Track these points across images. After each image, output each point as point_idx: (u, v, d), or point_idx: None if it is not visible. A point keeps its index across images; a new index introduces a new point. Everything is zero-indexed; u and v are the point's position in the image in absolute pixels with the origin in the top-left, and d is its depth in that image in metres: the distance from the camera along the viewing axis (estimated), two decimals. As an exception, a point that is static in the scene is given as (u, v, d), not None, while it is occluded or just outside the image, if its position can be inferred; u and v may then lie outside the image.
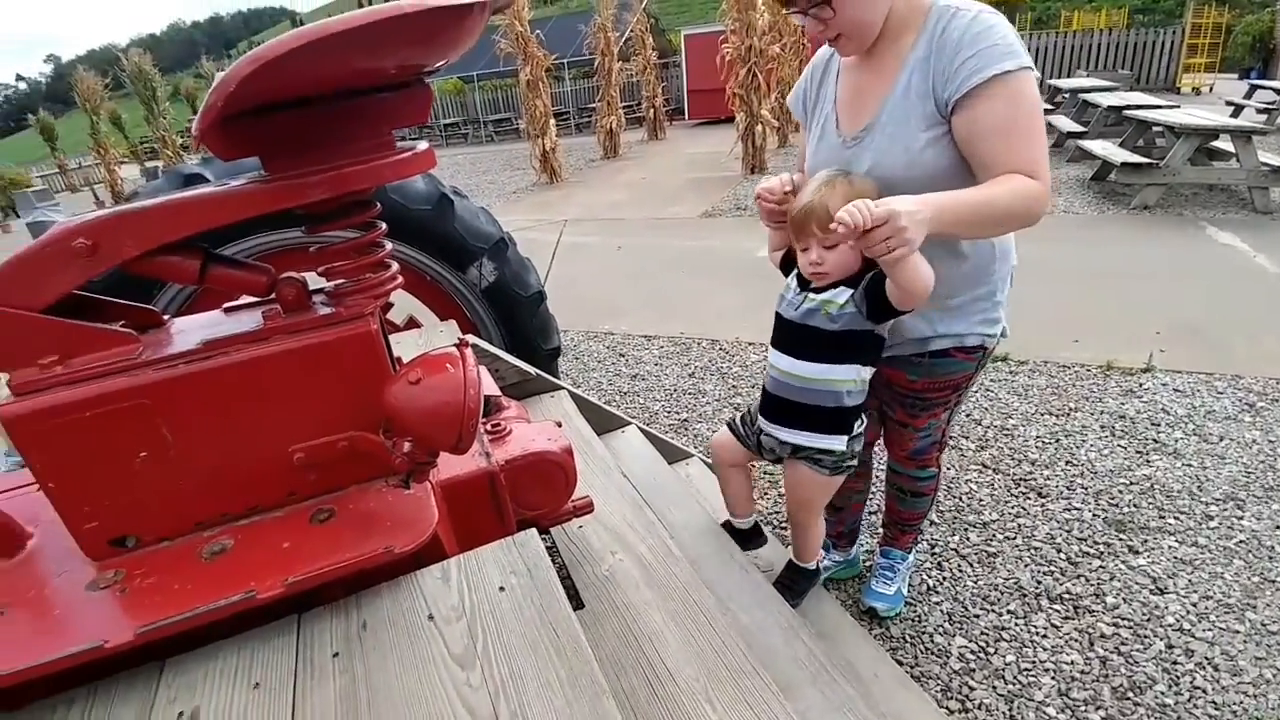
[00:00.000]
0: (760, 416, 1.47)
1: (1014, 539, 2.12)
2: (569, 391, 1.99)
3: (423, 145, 0.90)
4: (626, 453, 1.93)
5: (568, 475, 1.20)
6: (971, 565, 2.04)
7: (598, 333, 4.29)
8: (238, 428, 0.89)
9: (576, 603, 1.24)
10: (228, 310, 0.98)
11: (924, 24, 1.17)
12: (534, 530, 0.98)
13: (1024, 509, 2.25)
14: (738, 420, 1.59)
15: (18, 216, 13.68)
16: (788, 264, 1.44)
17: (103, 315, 0.90)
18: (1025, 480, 2.39)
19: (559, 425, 1.26)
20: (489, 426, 1.19)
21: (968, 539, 2.14)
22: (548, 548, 1.08)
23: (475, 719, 0.74)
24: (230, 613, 0.82)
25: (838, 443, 1.38)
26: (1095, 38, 13.59)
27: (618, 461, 1.75)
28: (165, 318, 0.97)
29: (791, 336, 1.35)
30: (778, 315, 1.39)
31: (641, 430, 2.05)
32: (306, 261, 1.01)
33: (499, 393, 1.40)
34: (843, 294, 1.25)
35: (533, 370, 1.95)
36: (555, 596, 0.88)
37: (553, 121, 10.40)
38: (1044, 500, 2.28)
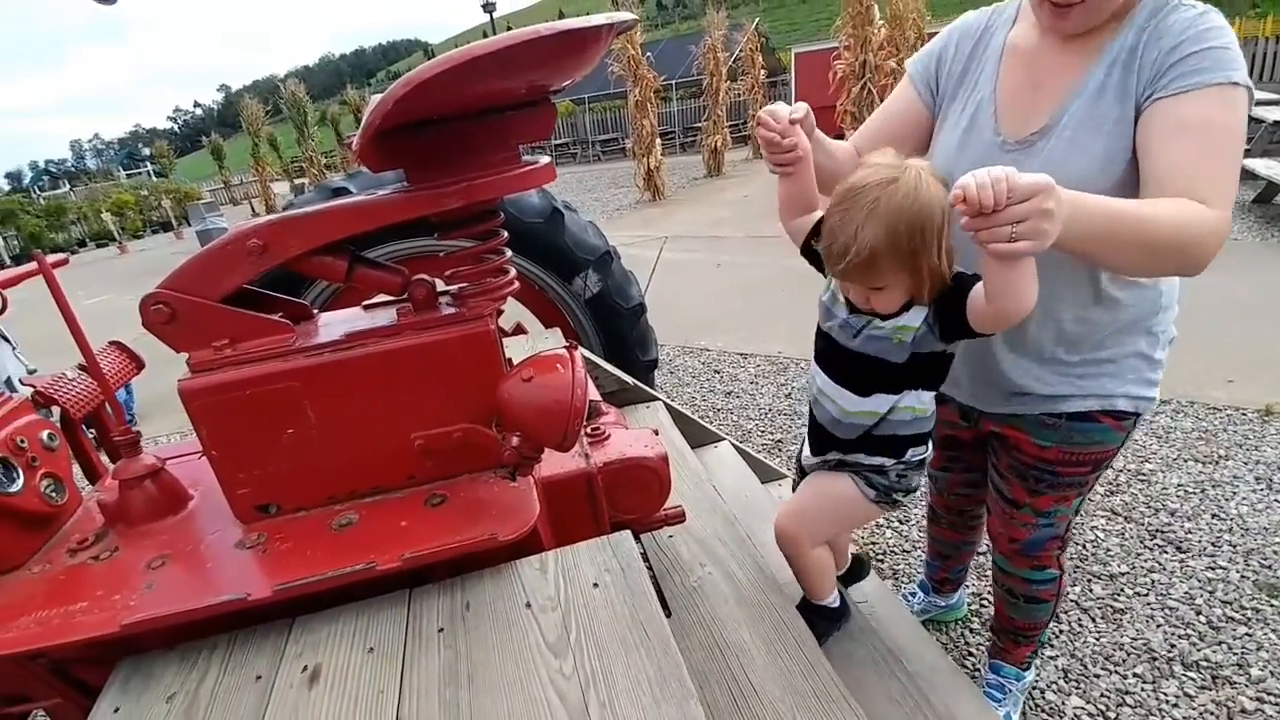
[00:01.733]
0: (811, 454, 1.23)
1: (1145, 596, 1.92)
2: (664, 403, 2.02)
3: (544, 160, 0.97)
4: (719, 468, 1.93)
5: (662, 482, 1.22)
6: (1094, 620, 1.86)
7: (693, 348, 4.32)
8: (370, 413, 0.98)
9: (664, 610, 1.25)
10: (366, 307, 1.09)
11: (1135, 12, 0.97)
12: (629, 531, 1.00)
13: (1159, 563, 2.04)
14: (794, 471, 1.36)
15: (189, 225, 15.61)
16: (814, 248, 1.12)
17: (265, 307, 1.02)
18: (1162, 532, 2.17)
19: (656, 433, 1.28)
20: (589, 430, 1.23)
21: (1091, 591, 1.96)
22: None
23: (566, 705, 0.77)
24: (353, 580, 0.90)
25: (886, 462, 1.14)
26: (1261, 46, 12.19)
27: (710, 476, 1.75)
28: (315, 312, 1.08)
29: (849, 367, 1.10)
30: (825, 334, 1.14)
31: (735, 447, 2.05)
32: (434, 267, 1.10)
33: (600, 398, 1.45)
34: (916, 316, 1.02)
35: (630, 380, 1.99)
36: (647, 598, 0.90)
37: (658, 140, 10.60)
38: (1183, 555, 2.05)
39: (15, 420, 1.09)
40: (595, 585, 0.92)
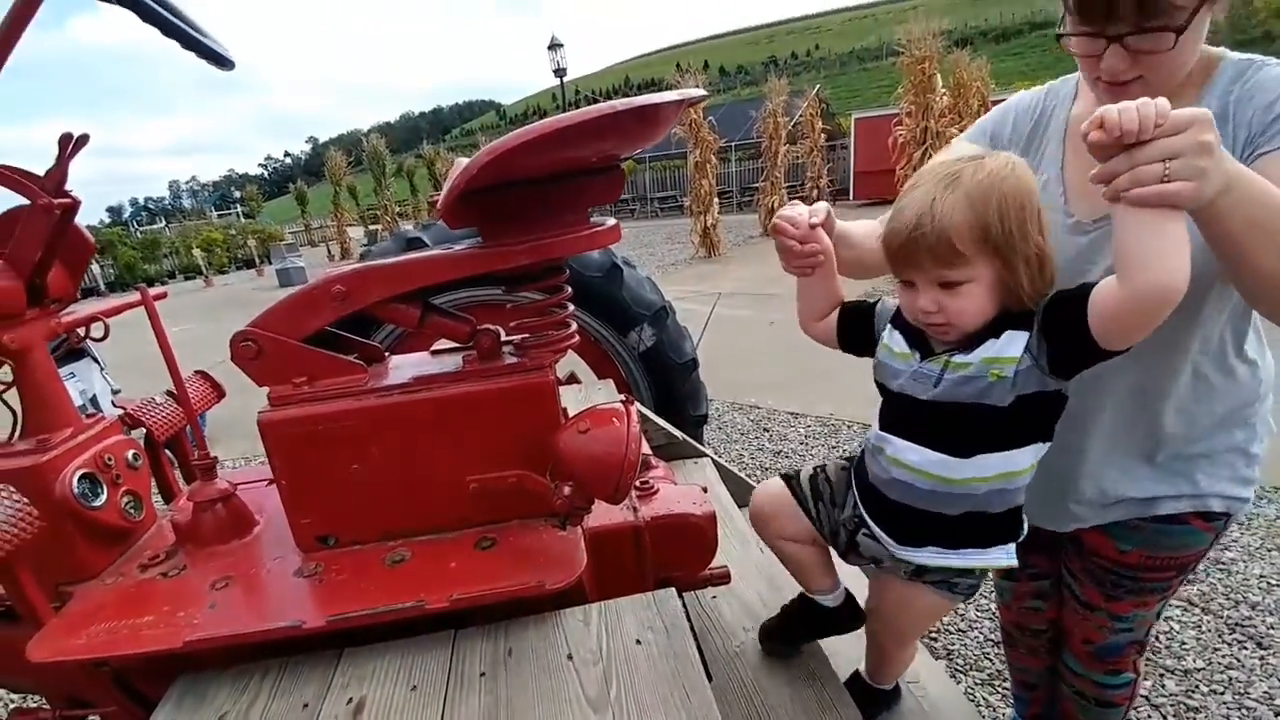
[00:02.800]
0: (872, 523, 1.04)
1: (1222, 694, 1.77)
2: (712, 459, 2.01)
3: (610, 221, 1.02)
4: (765, 529, 1.90)
5: (709, 541, 1.21)
6: (1166, 718, 1.72)
7: (744, 405, 4.29)
8: (430, 454, 1.02)
9: (704, 673, 1.23)
10: (434, 353, 1.14)
11: (1211, 80, 0.91)
12: (674, 590, 1.00)
13: (1238, 659, 1.88)
14: (802, 482, 1.16)
15: (270, 263, 16.66)
16: (851, 327, 1.06)
17: (342, 348, 1.09)
18: (1242, 626, 2.00)
19: (704, 490, 1.28)
20: (639, 483, 1.24)
21: (1163, 686, 1.82)
22: (682, 610, 1.09)
23: (602, 764, 0.76)
24: (402, 617, 0.92)
25: (1005, 555, 0.96)
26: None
27: (756, 536, 1.72)
28: (386, 354, 1.15)
29: (933, 421, 0.91)
30: (893, 393, 0.97)
31: (783, 508, 2.01)
32: (499, 314, 1.15)
33: (649, 452, 1.46)
34: (1014, 343, 0.83)
35: (680, 434, 2.00)
36: (690, 660, 0.89)
37: (716, 199, 10.83)
38: (1264, 652, 1.89)
39: (105, 439, 1.18)
40: (638, 642, 0.92)
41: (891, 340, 0.98)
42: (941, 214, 0.79)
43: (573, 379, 2.35)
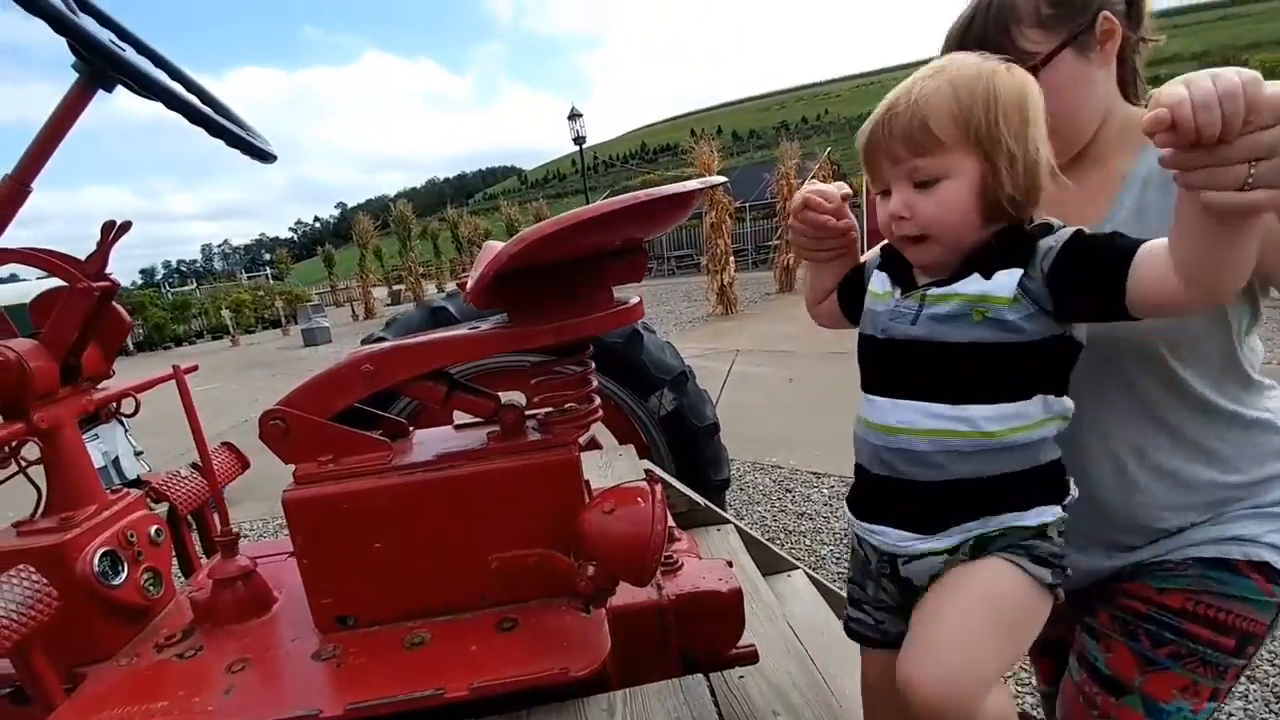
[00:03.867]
0: (856, 519, 0.89)
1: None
2: (736, 526, 1.96)
3: (634, 299, 1.03)
4: (793, 600, 1.83)
5: (736, 619, 1.18)
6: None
7: (764, 465, 4.23)
8: (452, 532, 1.01)
9: (733, 765, 1.16)
10: (458, 427, 1.14)
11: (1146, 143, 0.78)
12: (702, 677, 0.96)
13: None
14: (862, 618, 0.93)
15: (295, 323, 17.06)
16: (850, 292, 0.96)
17: (365, 422, 1.09)
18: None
19: (729, 565, 1.25)
20: (662, 557, 1.21)
21: (1227, 780, 1.69)
22: (709, 696, 1.04)
23: None
24: (421, 705, 0.89)
25: (1049, 513, 0.78)
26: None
27: (784, 609, 1.66)
28: (410, 429, 1.15)
29: (917, 366, 0.79)
30: (867, 341, 0.87)
31: (809, 576, 1.95)
32: (523, 380, 1.15)
33: (673, 524, 1.43)
34: (1005, 283, 0.73)
35: (702, 501, 1.97)
36: (718, 754, 0.85)
37: (732, 259, 11.00)
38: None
39: (129, 515, 1.18)
40: (664, 735, 0.88)
41: (875, 283, 0.88)
42: (920, 96, 0.73)
43: (593, 444, 2.33)
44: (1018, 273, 0.73)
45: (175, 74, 1.00)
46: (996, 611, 0.76)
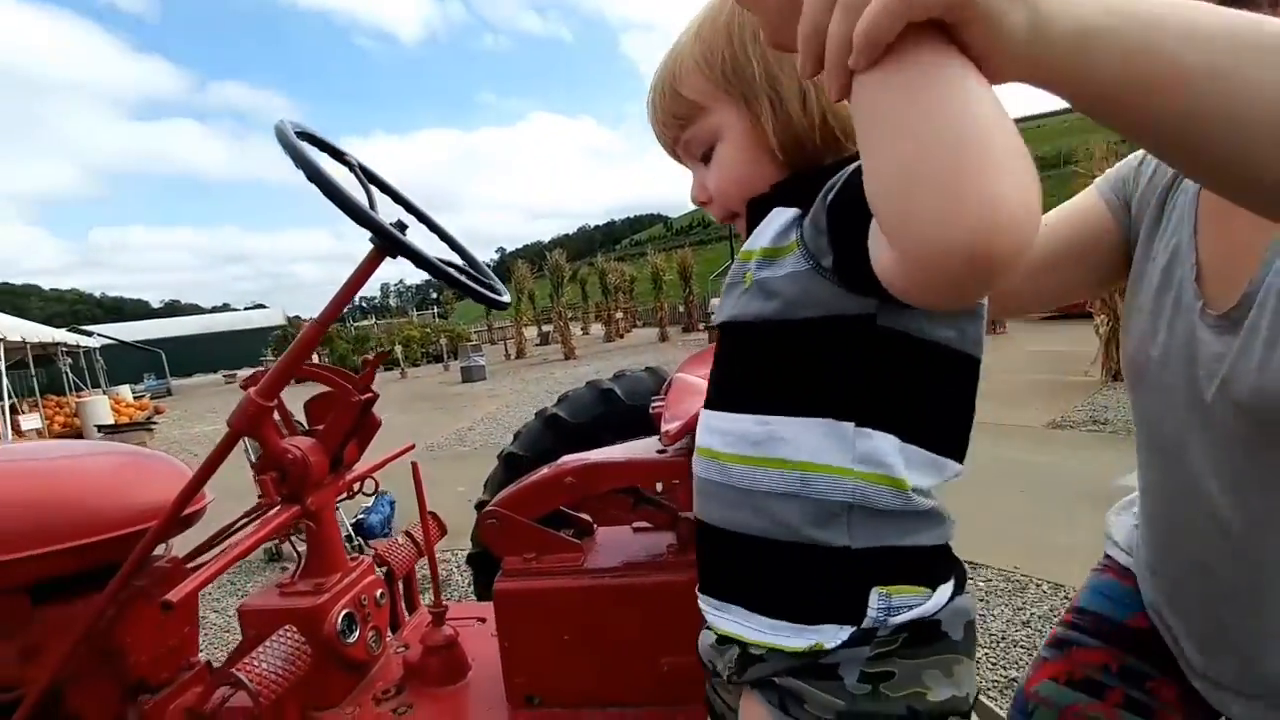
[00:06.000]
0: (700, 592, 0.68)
1: None
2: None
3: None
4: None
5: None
6: None
7: (914, 548, 3.98)
8: (630, 632, 1.11)
9: None
10: (636, 529, 1.26)
11: None
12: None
13: None
14: None
15: (455, 359, 18.73)
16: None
17: (557, 520, 1.24)
18: None
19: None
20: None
21: None
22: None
23: None
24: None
25: (805, 637, 0.54)
26: None
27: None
28: (594, 526, 1.28)
29: (741, 367, 0.62)
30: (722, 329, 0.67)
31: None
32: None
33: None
34: (774, 225, 0.57)
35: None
36: None
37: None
38: None
39: (363, 580, 1.40)
40: None
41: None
42: (672, 58, 0.63)
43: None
44: (792, 213, 0.55)
45: (437, 230, 1.24)
46: None
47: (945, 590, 0.54)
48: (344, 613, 1.30)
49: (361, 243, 1.02)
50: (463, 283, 1.09)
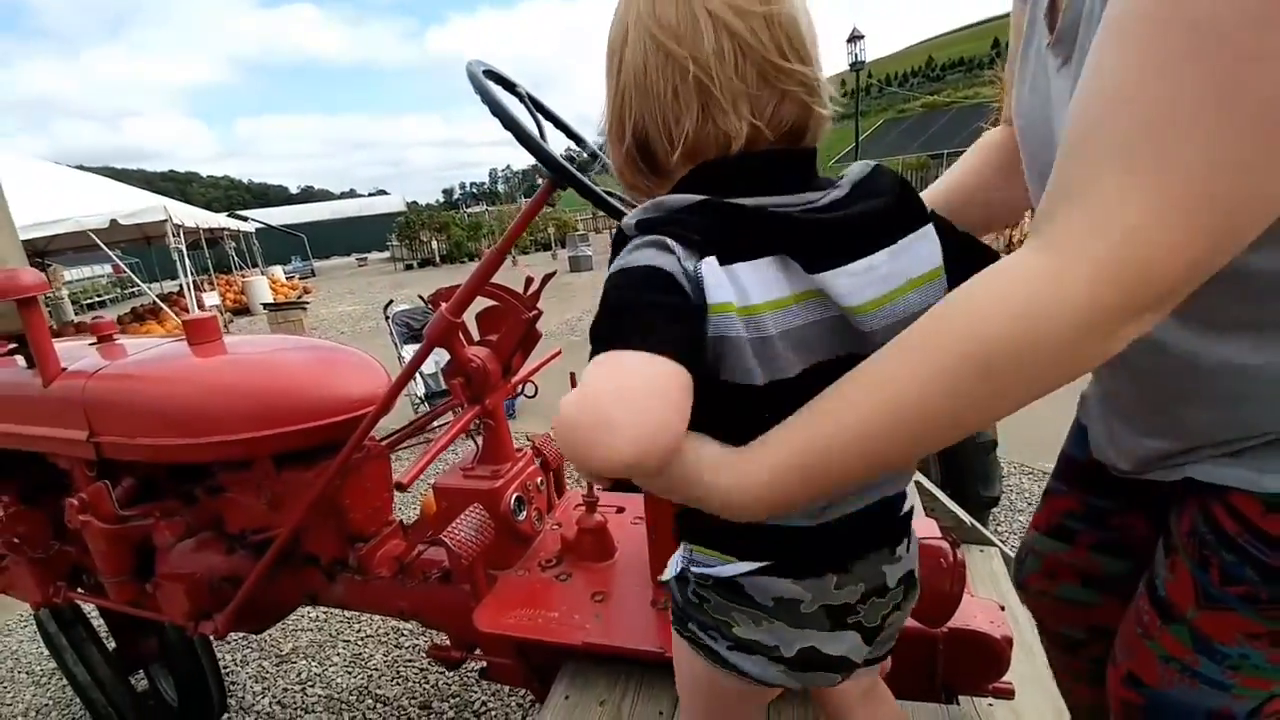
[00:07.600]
0: None
1: None
2: (1001, 551, 1.96)
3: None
4: (1055, 640, 1.81)
5: (1002, 663, 1.27)
6: None
7: (1035, 470, 3.89)
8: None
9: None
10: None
11: None
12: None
13: None
14: None
15: (563, 248, 19.12)
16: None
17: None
18: None
19: (1002, 609, 1.33)
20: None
21: None
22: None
23: None
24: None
25: (714, 563, 0.68)
26: None
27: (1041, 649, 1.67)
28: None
29: None
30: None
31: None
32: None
33: (939, 534, 1.51)
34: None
35: (968, 519, 1.99)
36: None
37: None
38: None
39: (528, 469, 1.64)
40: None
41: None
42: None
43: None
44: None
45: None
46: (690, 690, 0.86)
47: (747, 566, 0.66)
48: (515, 495, 1.54)
49: (471, 126, 1.10)
50: (604, 200, 1.16)
